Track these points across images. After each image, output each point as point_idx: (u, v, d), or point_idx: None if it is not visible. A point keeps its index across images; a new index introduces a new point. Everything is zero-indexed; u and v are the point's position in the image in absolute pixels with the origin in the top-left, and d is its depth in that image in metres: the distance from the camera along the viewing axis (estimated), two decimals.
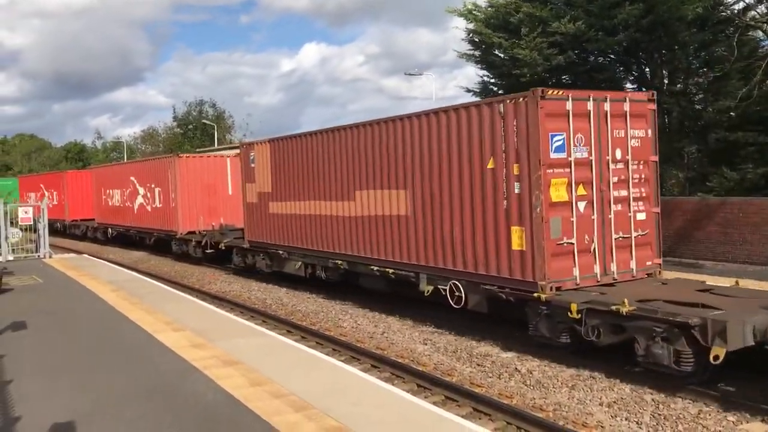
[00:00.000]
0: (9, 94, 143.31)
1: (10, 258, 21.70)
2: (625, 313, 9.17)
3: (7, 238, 21.64)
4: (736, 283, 11.08)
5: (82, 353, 9.55)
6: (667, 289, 10.56)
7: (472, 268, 11.54)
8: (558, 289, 10.31)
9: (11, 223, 22.22)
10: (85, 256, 25.57)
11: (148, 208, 27.65)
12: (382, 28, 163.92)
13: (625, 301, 9.25)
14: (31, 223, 22.61)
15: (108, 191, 32.47)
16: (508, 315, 11.66)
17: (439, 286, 12.31)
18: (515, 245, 10.64)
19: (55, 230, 38.39)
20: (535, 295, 10.31)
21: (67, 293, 15.14)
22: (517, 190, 10.60)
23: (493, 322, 12.58)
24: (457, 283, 11.83)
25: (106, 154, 79.78)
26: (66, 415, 6.96)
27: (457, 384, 9.71)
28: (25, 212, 22.52)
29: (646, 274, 11.53)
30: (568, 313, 9.82)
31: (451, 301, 11.96)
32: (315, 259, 16.60)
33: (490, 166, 11.06)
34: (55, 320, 11.98)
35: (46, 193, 39.71)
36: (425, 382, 9.79)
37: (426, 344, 12.09)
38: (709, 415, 8.25)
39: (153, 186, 26.98)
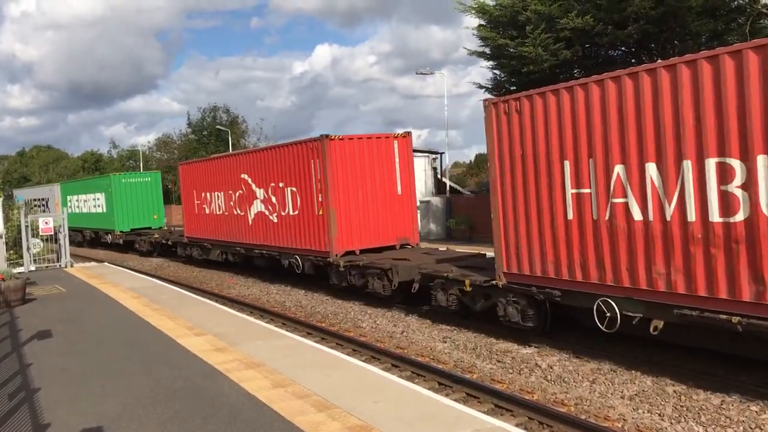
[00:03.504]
0: (24, 106, 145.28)
1: (32, 268, 22.00)
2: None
3: (29, 248, 21.93)
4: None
5: (107, 359, 9.69)
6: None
7: None
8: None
9: (32, 233, 22.51)
10: (106, 264, 25.86)
11: None
12: (394, 27, 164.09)
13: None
14: (52, 233, 22.89)
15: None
16: None
17: None
18: None
19: (280, 272, 20.31)
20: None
21: (89, 301, 15.34)
22: None
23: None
24: None
25: (122, 162, 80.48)
26: (94, 419, 7.09)
27: (478, 381, 9.76)
28: (45, 223, 22.79)
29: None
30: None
31: None
32: None
33: None
34: (79, 328, 12.17)
35: (259, 193, 19.90)
36: (446, 379, 9.85)
37: (445, 342, 12.14)
38: (732, 405, 8.24)
39: None
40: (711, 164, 8.23)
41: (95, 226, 36.73)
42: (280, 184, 18.58)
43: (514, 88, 24.20)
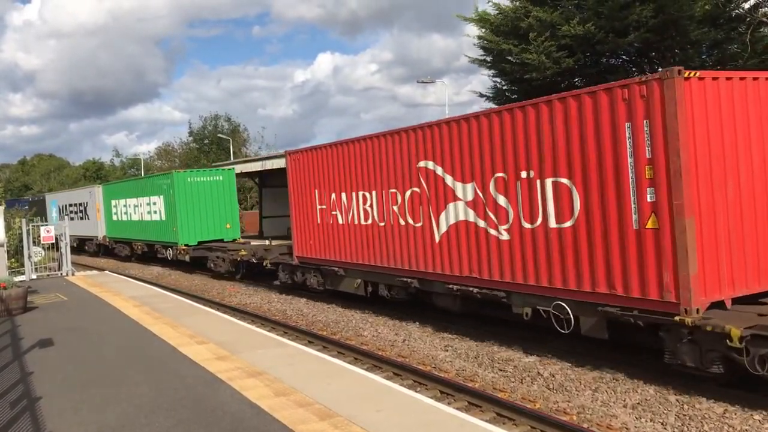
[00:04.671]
0: (26, 115, 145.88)
1: (33, 276, 22.01)
2: None
3: (30, 257, 21.94)
4: None
5: (109, 368, 9.69)
6: None
7: None
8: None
9: (33, 242, 22.52)
10: (107, 272, 25.86)
11: None
12: (395, 36, 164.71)
13: None
14: (53, 241, 22.89)
15: None
16: None
17: None
18: None
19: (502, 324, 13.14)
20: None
21: (90, 310, 15.34)
22: None
23: (513, 327, 12.59)
24: None
25: (124, 171, 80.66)
26: (96, 428, 7.09)
27: (480, 389, 9.74)
28: (47, 231, 22.80)
29: None
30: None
31: None
32: None
33: None
34: (80, 336, 12.16)
35: (462, 191, 12.10)
36: (448, 388, 9.83)
37: (447, 351, 12.12)
38: (735, 414, 8.22)
39: None
40: None
41: (150, 237, 29.16)
42: (524, 174, 10.86)
43: (516, 96, 24.26)
